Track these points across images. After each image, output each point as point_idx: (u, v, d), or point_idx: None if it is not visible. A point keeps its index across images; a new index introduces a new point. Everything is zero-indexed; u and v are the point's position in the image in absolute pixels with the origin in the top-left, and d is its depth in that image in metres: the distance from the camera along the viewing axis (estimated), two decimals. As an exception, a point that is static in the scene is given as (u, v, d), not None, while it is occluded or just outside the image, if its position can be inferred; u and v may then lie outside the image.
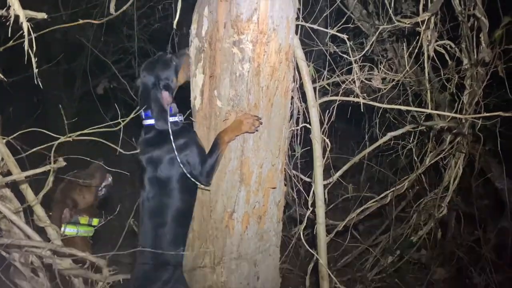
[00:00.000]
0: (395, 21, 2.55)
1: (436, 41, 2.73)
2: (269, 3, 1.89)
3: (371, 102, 2.25)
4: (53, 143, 1.75)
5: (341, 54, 2.58)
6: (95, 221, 2.54)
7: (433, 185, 3.23)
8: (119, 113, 2.02)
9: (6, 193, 1.94)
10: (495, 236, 2.80)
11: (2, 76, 1.63)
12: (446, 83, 2.86)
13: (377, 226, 3.71)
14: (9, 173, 1.91)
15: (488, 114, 1.90)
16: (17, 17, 1.56)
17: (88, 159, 2.16)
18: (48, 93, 5.17)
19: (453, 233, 3.12)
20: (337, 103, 2.33)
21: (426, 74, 2.67)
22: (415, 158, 3.06)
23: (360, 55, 2.55)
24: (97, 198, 2.60)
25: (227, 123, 2.05)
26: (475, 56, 2.57)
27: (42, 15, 1.71)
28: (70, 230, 2.39)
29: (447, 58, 2.81)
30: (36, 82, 1.69)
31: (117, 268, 2.04)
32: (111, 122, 1.84)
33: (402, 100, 3.42)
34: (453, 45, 2.72)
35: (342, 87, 2.33)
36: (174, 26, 1.51)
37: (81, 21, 1.81)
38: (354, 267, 3.34)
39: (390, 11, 2.66)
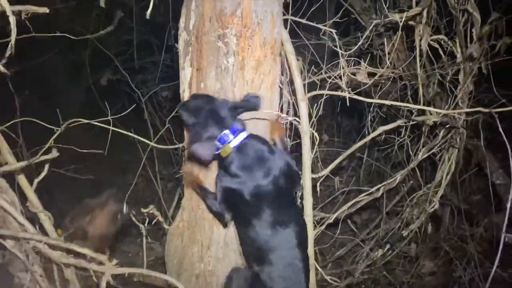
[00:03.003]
0: (389, 16, 2.58)
1: (431, 35, 2.74)
2: (252, -3, 1.92)
3: (356, 96, 2.26)
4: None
5: (335, 49, 2.60)
6: None
7: (429, 180, 3.24)
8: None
9: (1, 184, 2.01)
10: (487, 231, 2.80)
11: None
12: (440, 78, 2.86)
13: (375, 219, 3.73)
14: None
15: (468, 110, 1.91)
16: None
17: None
18: (55, 84, 5.28)
19: (447, 228, 3.13)
20: (324, 97, 2.35)
21: (418, 69, 2.67)
22: (410, 152, 3.07)
23: (354, 49, 2.57)
24: (111, 229, 2.44)
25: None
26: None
27: (44, 10, 1.77)
28: None
29: (441, 53, 2.80)
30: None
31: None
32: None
33: (400, 94, 3.43)
34: (446, 40, 2.71)
35: (328, 82, 2.34)
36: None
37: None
38: (349, 259, 3.37)
39: (385, 6, 2.68)
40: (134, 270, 2.04)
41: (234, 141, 1.87)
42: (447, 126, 2.80)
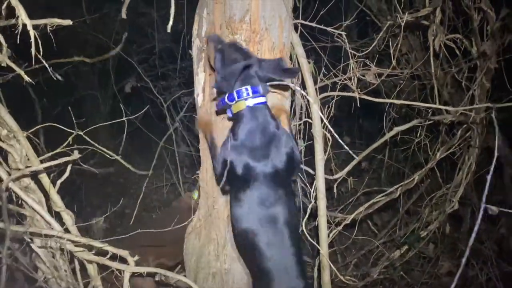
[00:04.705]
0: (399, 17, 2.59)
1: (446, 34, 2.72)
2: (260, 4, 1.98)
3: (365, 97, 2.28)
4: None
5: (351, 51, 2.62)
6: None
7: (450, 180, 3.20)
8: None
9: (30, 185, 2.14)
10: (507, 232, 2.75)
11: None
12: (457, 76, 2.83)
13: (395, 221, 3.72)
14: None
15: (479, 105, 1.90)
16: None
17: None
18: (84, 92, 5.51)
19: (468, 228, 3.09)
20: (335, 98, 2.38)
21: (432, 68, 2.66)
22: (430, 152, 3.05)
23: (367, 51, 2.59)
24: None
25: (224, 120, 2.16)
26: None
27: (67, 22, 1.88)
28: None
29: (457, 51, 2.78)
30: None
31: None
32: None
33: (418, 94, 3.41)
34: (461, 38, 2.69)
35: (339, 83, 2.37)
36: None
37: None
38: (368, 260, 3.37)
39: (399, 7, 2.69)
40: (153, 270, 2.12)
41: (250, 101, 1.78)
42: (464, 125, 2.77)
